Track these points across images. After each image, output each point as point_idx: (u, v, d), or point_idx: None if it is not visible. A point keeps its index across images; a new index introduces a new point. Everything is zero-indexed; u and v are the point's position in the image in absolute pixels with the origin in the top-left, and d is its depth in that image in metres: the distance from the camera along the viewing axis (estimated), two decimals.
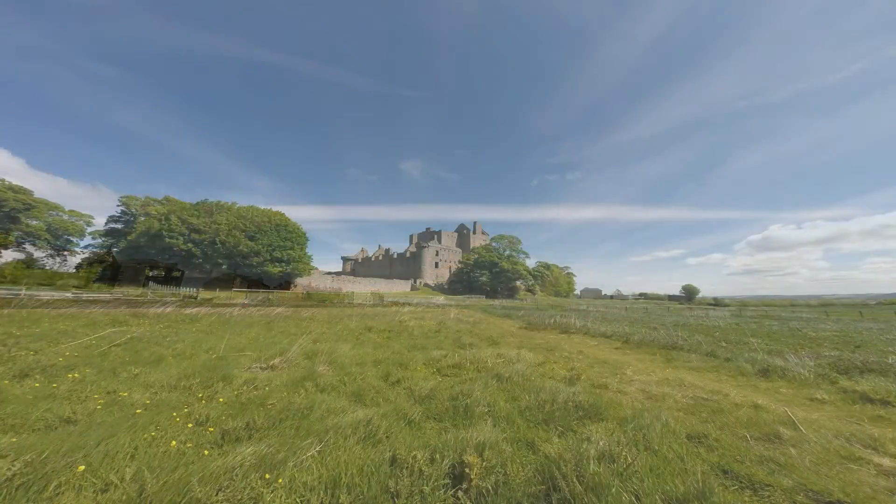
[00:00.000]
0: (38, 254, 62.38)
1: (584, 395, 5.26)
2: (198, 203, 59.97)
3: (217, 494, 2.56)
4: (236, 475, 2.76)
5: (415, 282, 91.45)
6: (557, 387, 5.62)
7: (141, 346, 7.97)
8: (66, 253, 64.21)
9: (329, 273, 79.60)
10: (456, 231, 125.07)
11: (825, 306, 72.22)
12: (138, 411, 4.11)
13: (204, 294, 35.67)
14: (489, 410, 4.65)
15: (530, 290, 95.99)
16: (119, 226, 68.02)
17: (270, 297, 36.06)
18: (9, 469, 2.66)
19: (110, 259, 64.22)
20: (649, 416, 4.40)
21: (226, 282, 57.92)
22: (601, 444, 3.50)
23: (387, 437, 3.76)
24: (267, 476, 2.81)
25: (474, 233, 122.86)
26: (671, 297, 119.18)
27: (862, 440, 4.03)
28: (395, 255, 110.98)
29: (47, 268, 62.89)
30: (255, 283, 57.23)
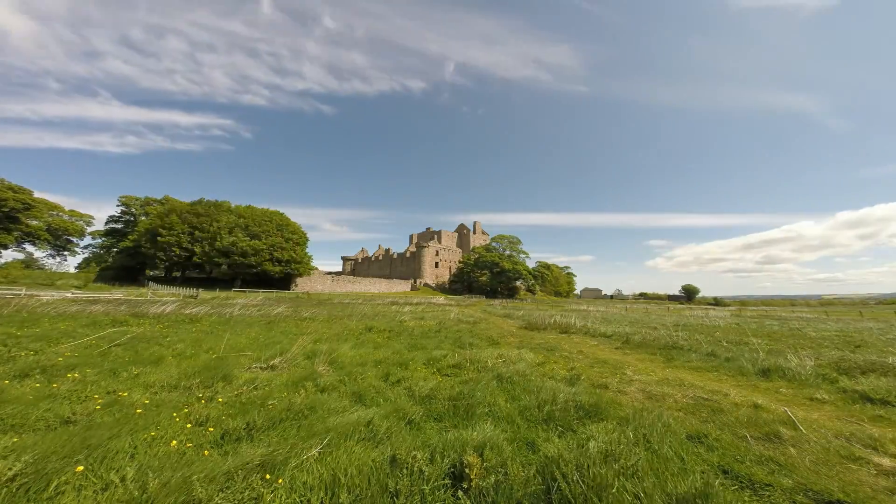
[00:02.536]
0: (38, 254, 62.34)
1: (585, 394, 5.27)
2: (194, 202, 59.69)
3: (218, 494, 2.56)
4: (237, 475, 2.76)
5: (415, 282, 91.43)
6: (558, 387, 5.62)
7: (141, 346, 7.96)
8: (66, 253, 64.17)
9: (329, 273, 79.55)
10: (456, 231, 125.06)
11: (825, 306, 72.23)
12: (138, 411, 4.11)
13: (204, 294, 35.65)
14: (489, 410, 4.65)
15: (530, 290, 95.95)
16: (119, 226, 67.96)
17: (270, 296, 36.03)
18: (9, 469, 2.66)
19: (110, 259, 64.16)
20: (649, 415, 4.39)
21: (226, 282, 57.91)
22: (601, 443, 3.50)
23: (387, 437, 3.76)
24: (267, 476, 2.81)
25: (474, 232, 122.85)
26: (671, 297, 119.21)
27: (862, 440, 4.03)
28: (395, 255, 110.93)
29: (47, 268, 62.86)
30: (256, 282, 57.21)
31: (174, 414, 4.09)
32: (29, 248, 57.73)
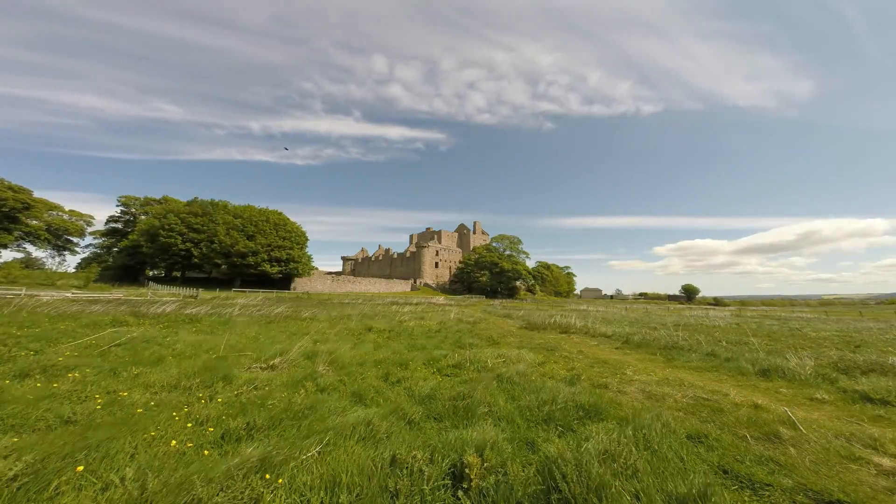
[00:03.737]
0: (38, 254, 62.34)
1: (585, 394, 5.27)
2: (190, 201, 59.36)
3: (218, 494, 2.56)
4: (237, 475, 2.76)
5: (415, 282, 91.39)
6: (558, 387, 5.62)
7: (141, 346, 7.96)
8: (66, 253, 64.09)
9: (329, 273, 79.52)
10: (456, 231, 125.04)
11: (825, 306, 72.25)
12: (138, 411, 4.10)
13: (204, 294, 35.64)
14: (489, 410, 4.65)
15: (530, 290, 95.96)
16: (119, 226, 67.93)
17: (270, 296, 36.01)
18: (9, 469, 2.66)
19: (110, 259, 64.11)
20: (649, 415, 4.40)
21: (226, 282, 57.91)
22: (601, 443, 3.50)
23: (387, 436, 3.76)
24: (267, 476, 2.81)
25: (474, 232, 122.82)
26: (671, 297, 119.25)
27: (862, 440, 4.03)
28: (395, 255, 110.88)
29: (47, 268, 62.84)
30: (256, 282, 57.21)
31: (174, 414, 4.09)
32: (29, 247, 57.70)
